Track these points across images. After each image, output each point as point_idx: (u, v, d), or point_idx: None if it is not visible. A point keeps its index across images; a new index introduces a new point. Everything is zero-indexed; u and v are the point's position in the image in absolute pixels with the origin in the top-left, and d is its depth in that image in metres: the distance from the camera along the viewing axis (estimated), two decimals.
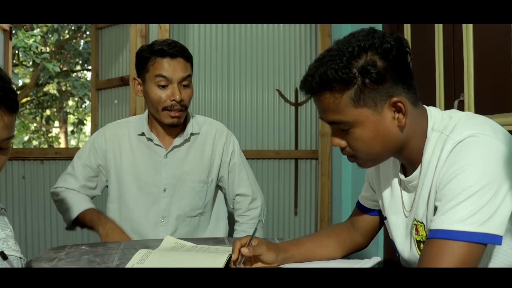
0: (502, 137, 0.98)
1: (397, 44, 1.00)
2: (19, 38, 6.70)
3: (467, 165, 0.94)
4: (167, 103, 1.70)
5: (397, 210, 1.18)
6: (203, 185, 1.85)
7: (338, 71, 0.99)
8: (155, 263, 1.24)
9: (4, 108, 0.98)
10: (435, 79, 2.39)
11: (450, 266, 0.90)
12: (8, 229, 1.15)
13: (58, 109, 11.08)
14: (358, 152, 1.08)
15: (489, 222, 0.91)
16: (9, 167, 3.23)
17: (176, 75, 1.70)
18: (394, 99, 1.01)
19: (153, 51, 1.71)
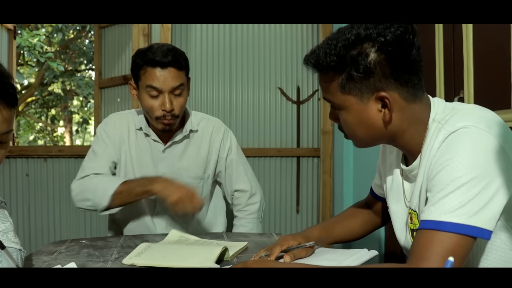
0: (497, 131, 0.97)
1: (398, 37, 0.99)
2: (23, 37, 6.75)
3: (457, 157, 0.94)
4: (158, 113, 1.69)
5: (398, 198, 1.19)
6: (199, 181, 1.86)
7: (330, 56, 1.01)
8: (153, 257, 1.25)
9: (3, 103, 1.00)
10: (435, 76, 2.40)
11: (439, 256, 0.90)
12: (8, 222, 1.16)
13: (62, 108, 11.13)
14: (347, 133, 1.13)
15: (478, 215, 0.91)
16: (13, 164, 3.27)
17: (166, 86, 1.67)
18: (381, 94, 1.01)
19: (145, 60, 1.68)
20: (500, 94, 1.92)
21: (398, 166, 1.19)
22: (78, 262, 1.19)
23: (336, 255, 1.28)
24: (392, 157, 1.23)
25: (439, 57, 2.37)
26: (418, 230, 0.97)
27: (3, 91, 0.99)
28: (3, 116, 1.00)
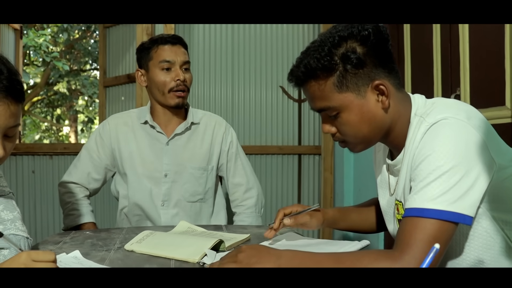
0: (476, 123, 1.03)
1: (375, 31, 1.07)
2: (29, 37, 6.82)
3: (438, 147, 0.99)
4: (172, 85, 1.85)
5: (386, 191, 1.24)
6: (203, 172, 1.93)
7: (321, 59, 1.06)
8: (152, 244, 1.31)
9: (11, 98, 1.05)
10: (433, 75, 2.44)
11: (423, 242, 0.95)
12: (15, 211, 1.22)
13: (68, 108, 11.21)
14: (347, 137, 1.13)
15: (459, 201, 0.96)
16: (20, 162, 3.33)
17: (178, 59, 1.87)
18: (376, 82, 1.07)
19: (154, 40, 1.89)
20: (495, 92, 1.96)
21: (385, 162, 1.24)
22: (82, 251, 1.24)
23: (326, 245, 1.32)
24: (380, 154, 1.28)
25: (437, 55, 2.41)
26: (403, 218, 1.02)
27: (11, 87, 1.04)
28: (11, 110, 1.05)
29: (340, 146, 1.19)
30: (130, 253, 1.28)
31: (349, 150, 1.19)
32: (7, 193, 1.26)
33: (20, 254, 0.92)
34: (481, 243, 1.06)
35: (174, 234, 1.46)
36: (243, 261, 1.02)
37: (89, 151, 1.95)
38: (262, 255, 1.03)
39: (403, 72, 2.74)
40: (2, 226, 1.17)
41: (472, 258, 1.08)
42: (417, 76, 2.64)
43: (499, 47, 1.92)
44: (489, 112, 2.01)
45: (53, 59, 7.49)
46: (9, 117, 1.05)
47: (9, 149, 1.10)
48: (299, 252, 1.06)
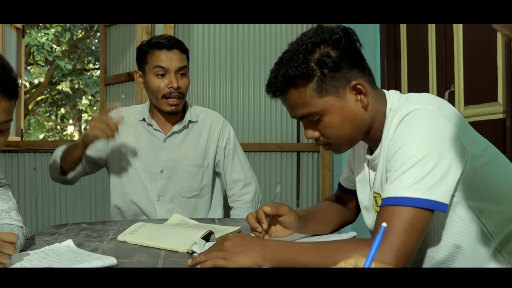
0: (446, 113, 1.06)
1: (344, 34, 1.10)
2: (32, 36, 6.88)
3: (410, 137, 1.02)
4: (165, 91, 1.84)
5: (365, 186, 1.27)
6: (199, 169, 1.96)
7: (298, 67, 1.08)
8: (144, 235, 1.34)
9: (3, 94, 1.09)
10: (428, 72, 2.47)
11: (399, 229, 0.97)
12: (11, 202, 1.26)
13: (71, 107, 11.28)
14: (331, 139, 1.16)
15: (433, 189, 0.99)
16: (21, 159, 3.37)
17: (173, 65, 1.84)
18: (353, 82, 1.10)
19: (151, 44, 1.87)
20: (488, 88, 1.98)
21: (365, 157, 1.27)
22: (75, 241, 1.27)
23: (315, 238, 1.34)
24: (360, 150, 1.31)
25: (432, 53, 2.44)
26: (380, 208, 1.04)
27: (4, 84, 1.08)
28: (3, 106, 1.09)
29: (325, 149, 1.21)
30: (122, 244, 1.32)
31: (334, 151, 1.21)
32: (3, 184, 1.30)
33: None
34: (458, 231, 1.09)
35: (166, 226, 1.49)
36: (228, 249, 1.05)
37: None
38: (247, 244, 1.06)
39: (400, 69, 2.76)
40: None
41: (450, 246, 1.10)
42: (413, 73, 2.66)
43: (491, 45, 1.95)
44: (482, 108, 2.04)
45: (55, 58, 7.55)
46: (1, 113, 1.09)
47: (1, 143, 1.14)
48: (283, 242, 1.09)
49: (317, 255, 1.02)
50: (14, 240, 1.04)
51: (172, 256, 1.19)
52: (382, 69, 2.86)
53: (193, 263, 1.09)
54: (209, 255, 1.07)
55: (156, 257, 1.19)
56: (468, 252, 1.09)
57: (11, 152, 3.36)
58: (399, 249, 0.96)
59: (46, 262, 1.07)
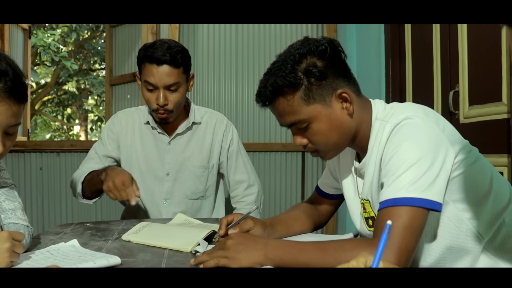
0: (433, 119, 1.12)
1: (330, 45, 1.15)
2: (38, 37, 6.92)
3: (404, 142, 1.06)
4: (154, 106, 1.81)
5: (354, 194, 1.30)
6: (204, 170, 1.96)
7: (286, 76, 1.13)
8: (148, 235, 1.35)
9: (13, 99, 1.10)
10: (433, 71, 2.46)
11: (399, 229, 0.99)
12: (16, 202, 1.27)
13: (77, 107, 11.33)
14: (319, 145, 1.19)
15: (429, 189, 1.02)
16: (28, 159, 3.40)
17: (161, 82, 1.77)
18: (339, 91, 1.15)
19: (145, 55, 1.79)
20: (492, 88, 1.98)
21: (352, 165, 1.30)
22: (80, 241, 1.28)
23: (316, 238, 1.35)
24: (346, 158, 1.33)
25: (436, 53, 2.43)
26: (378, 211, 1.06)
27: (14, 88, 1.10)
28: (13, 111, 1.11)
29: (312, 155, 1.25)
30: (127, 243, 1.33)
31: (321, 158, 1.25)
32: (9, 184, 1.31)
33: (3, 232, 1.03)
34: (447, 232, 1.12)
35: (170, 225, 1.50)
36: (230, 247, 1.07)
37: (104, 144, 1.97)
38: (249, 243, 1.08)
39: (404, 69, 2.76)
40: (3, 215, 1.22)
41: (441, 247, 1.13)
42: (417, 73, 2.66)
43: (496, 44, 1.95)
44: (487, 108, 2.03)
45: (61, 58, 7.59)
46: (11, 116, 1.11)
47: (8, 146, 1.15)
48: (285, 241, 1.11)
49: (319, 254, 1.03)
50: (21, 238, 1.06)
51: (175, 256, 1.20)
52: (387, 69, 2.86)
53: (195, 263, 1.11)
54: (212, 254, 1.09)
55: (160, 256, 1.19)
56: (459, 252, 1.12)
57: (17, 152, 3.39)
58: (400, 248, 0.98)
59: (51, 261, 1.08)
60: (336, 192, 1.45)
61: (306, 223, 1.44)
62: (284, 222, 1.40)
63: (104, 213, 3.40)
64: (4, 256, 0.99)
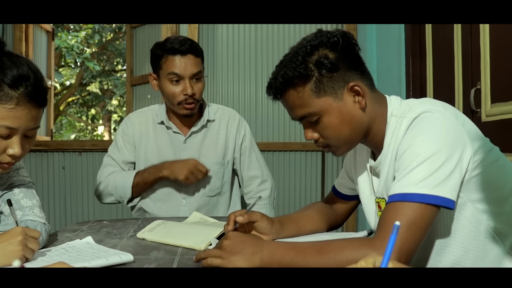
0: (451, 112, 1.08)
1: (343, 37, 1.12)
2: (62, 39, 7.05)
3: (419, 136, 1.03)
4: (180, 98, 1.83)
5: (369, 193, 1.26)
6: (220, 167, 1.97)
7: (297, 68, 1.10)
8: (162, 233, 1.36)
9: (33, 103, 1.13)
10: (454, 69, 2.42)
11: (403, 228, 0.96)
12: (34, 199, 1.29)
13: (101, 107, 11.50)
14: (330, 140, 1.16)
15: (441, 185, 0.98)
16: (51, 158, 3.47)
17: (187, 72, 1.82)
18: (351, 84, 1.12)
19: (165, 49, 1.83)
20: None
21: (368, 163, 1.26)
22: (96, 238, 1.30)
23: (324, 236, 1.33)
24: (362, 156, 1.30)
25: (457, 50, 2.39)
26: (386, 204, 1.04)
27: (35, 93, 1.13)
28: (32, 114, 1.14)
29: (324, 151, 1.21)
30: (141, 241, 1.34)
31: (333, 153, 1.21)
32: (27, 182, 1.34)
33: (17, 227, 1.05)
34: (465, 233, 1.07)
35: (184, 224, 1.51)
36: (226, 248, 1.05)
37: (118, 148, 2.00)
38: (245, 245, 1.05)
39: (425, 67, 2.72)
40: (21, 212, 1.25)
41: (457, 249, 1.09)
42: (438, 71, 2.62)
43: None
44: (509, 105, 1.98)
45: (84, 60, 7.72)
46: (30, 120, 1.14)
47: (27, 148, 1.18)
48: (283, 243, 1.08)
49: (318, 257, 1.00)
50: (37, 235, 1.09)
51: (188, 254, 1.21)
52: (407, 67, 2.82)
53: (196, 260, 1.11)
54: (208, 253, 1.07)
55: (173, 254, 1.20)
56: (477, 255, 1.07)
57: (41, 152, 3.45)
58: (401, 248, 0.96)
59: (66, 257, 1.09)
60: (352, 193, 1.42)
61: (319, 223, 1.41)
62: (295, 220, 1.38)
63: (125, 211, 3.44)
64: (17, 250, 1.02)
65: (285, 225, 1.33)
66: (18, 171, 1.33)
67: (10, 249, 1.01)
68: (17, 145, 1.13)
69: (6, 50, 1.15)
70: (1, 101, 1.08)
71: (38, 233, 1.10)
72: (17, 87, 1.10)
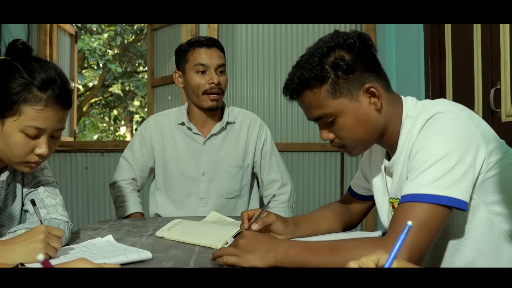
0: (466, 112, 1.08)
1: (359, 38, 1.13)
2: (85, 41, 7.18)
3: (432, 136, 1.03)
4: (206, 87, 1.91)
5: (383, 193, 1.27)
6: (239, 170, 2.00)
7: (313, 69, 1.12)
8: (180, 232, 1.39)
9: (60, 104, 1.18)
10: (473, 68, 2.40)
11: (414, 229, 0.96)
12: (58, 198, 1.34)
13: (123, 108, 11.65)
14: (346, 141, 1.17)
15: (453, 186, 0.98)
16: (74, 158, 3.54)
17: (213, 62, 1.92)
18: (367, 85, 1.12)
19: (191, 43, 1.95)
20: None
21: (382, 163, 1.27)
22: (116, 236, 1.34)
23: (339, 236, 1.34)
24: (377, 156, 1.31)
25: (477, 49, 2.37)
26: (398, 204, 1.05)
27: (62, 95, 1.18)
28: (59, 116, 1.19)
29: (340, 151, 1.23)
30: (160, 239, 1.37)
31: (348, 154, 1.22)
32: (51, 182, 1.39)
33: (41, 226, 1.10)
34: (478, 236, 1.07)
35: (202, 223, 1.54)
36: (242, 247, 1.08)
37: (133, 152, 2.06)
38: (260, 244, 1.08)
39: (444, 67, 2.70)
40: (45, 211, 1.29)
41: (470, 251, 1.09)
42: (457, 72, 2.60)
43: None
44: None
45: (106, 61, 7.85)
46: (57, 121, 1.19)
47: (53, 148, 1.23)
48: (297, 243, 1.10)
49: (330, 256, 1.02)
50: (60, 234, 1.13)
51: (205, 252, 1.23)
52: (426, 67, 2.80)
53: (212, 258, 1.14)
54: (224, 251, 1.10)
55: (190, 252, 1.23)
56: (490, 257, 1.07)
57: (64, 152, 3.53)
58: (412, 249, 0.96)
59: (87, 255, 1.13)
60: (367, 193, 1.43)
61: (334, 223, 1.42)
62: (310, 220, 1.39)
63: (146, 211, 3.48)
64: (39, 247, 1.06)
65: (300, 225, 1.35)
66: (42, 171, 1.38)
67: (32, 247, 1.05)
68: (45, 145, 1.18)
69: (33, 55, 1.20)
70: (30, 103, 1.13)
71: (62, 231, 1.14)
72: (45, 90, 1.15)
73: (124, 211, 1.97)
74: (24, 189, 1.36)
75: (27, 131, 1.15)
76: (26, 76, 1.14)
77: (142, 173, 2.06)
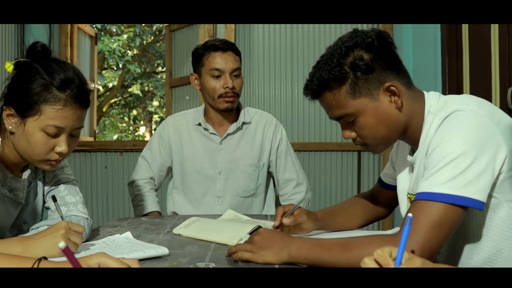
0: (486, 110, 1.06)
1: (377, 37, 1.12)
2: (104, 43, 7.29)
3: (448, 135, 1.03)
4: (221, 91, 1.93)
5: (405, 188, 1.27)
6: (255, 169, 2.03)
7: (332, 70, 1.12)
8: (197, 229, 1.42)
9: (79, 104, 1.22)
10: (491, 68, 2.38)
11: (427, 227, 0.98)
12: (78, 196, 1.39)
13: (142, 108, 11.77)
14: (367, 139, 1.18)
15: (469, 186, 0.98)
16: (94, 158, 3.61)
17: (228, 67, 1.93)
18: (387, 84, 1.12)
19: (207, 47, 1.97)
20: None
21: (407, 159, 1.27)
22: (134, 233, 1.37)
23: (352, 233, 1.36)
24: (404, 150, 1.31)
25: (494, 49, 2.36)
26: (412, 202, 1.06)
27: (80, 95, 1.22)
28: (78, 115, 1.23)
29: (362, 149, 1.23)
30: (177, 237, 1.40)
31: (371, 152, 1.23)
32: (71, 180, 1.43)
33: (62, 221, 1.13)
34: (498, 233, 1.07)
35: (218, 221, 1.57)
36: (257, 243, 1.11)
37: (152, 151, 2.10)
38: (275, 241, 1.11)
39: (462, 66, 2.69)
40: (66, 208, 1.34)
41: (489, 248, 1.09)
42: (474, 71, 2.58)
43: None
44: None
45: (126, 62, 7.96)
46: (76, 120, 1.23)
47: (72, 146, 1.27)
48: (311, 240, 1.12)
49: (342, 253, 1.04)
50: (81, 230, 1.17)
51: (221, 249, 1.26)
52: (443, 66, 2.79)
53: (228, 254, 1.17)
54: (239, 247, 1.13)
55: (206, 249, 1.26)
56: (509, 256, 1.07)
57: (84, 152, 3.60)
58: (424, 247, 0.97)
59: (106, 250, 1.17)
60: (395, 183, 1.41)
61: (360, 216, 1.46)
62: (336, 214, 1.43)
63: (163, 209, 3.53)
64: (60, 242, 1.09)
65: (327, 221, 1.40)
66: (63, 169, 1.43)
67: (54, 242, 1.09)
68: (64, 143, 1.22)
69: (52, 57, 1.24)
70: (50, 102, 1.18)
71: (82, 227, 1.18)
72: (64, 90, 1.19)
73: (142, 209, 2.01)
74: (45, 187, 1.41)
75: (47, 130, 1.19)
76: (46, 77, 1.18)
77: (160, 172, 2.10)
